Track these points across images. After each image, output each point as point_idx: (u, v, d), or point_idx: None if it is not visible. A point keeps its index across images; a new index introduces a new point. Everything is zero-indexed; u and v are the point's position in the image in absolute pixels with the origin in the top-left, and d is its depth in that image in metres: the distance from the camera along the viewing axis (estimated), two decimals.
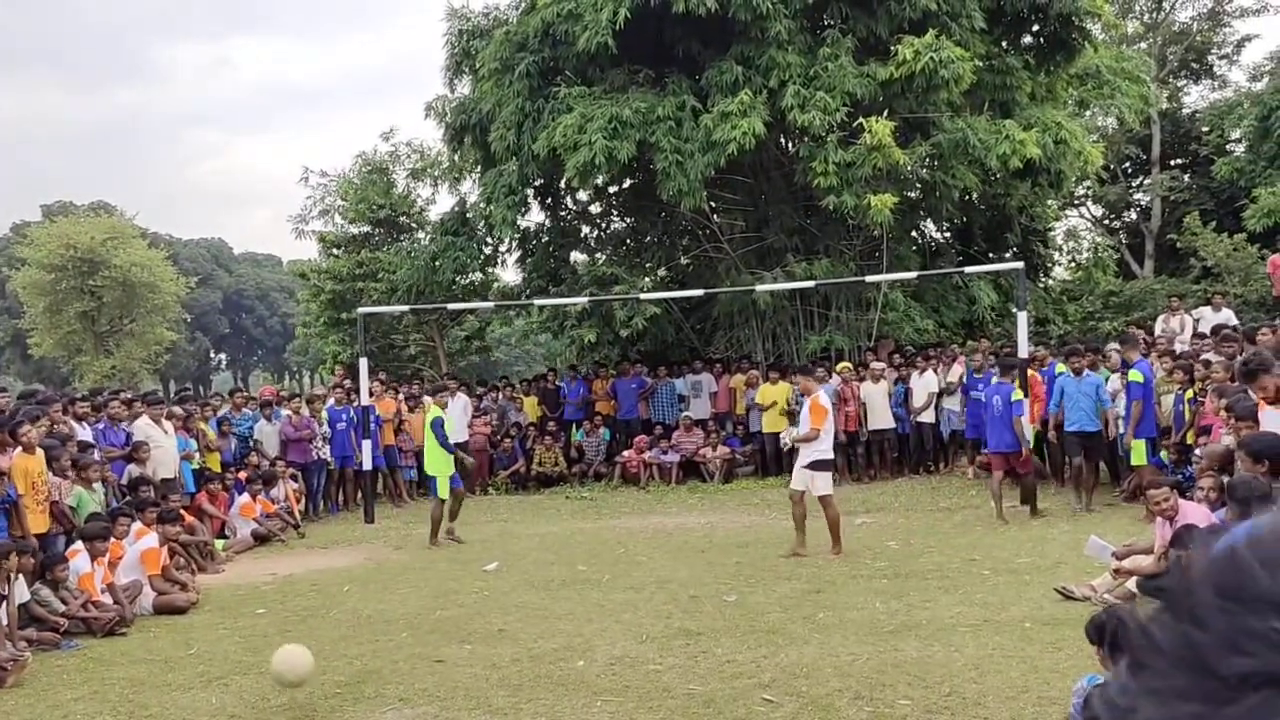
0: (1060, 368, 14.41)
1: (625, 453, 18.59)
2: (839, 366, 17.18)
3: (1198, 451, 10.17)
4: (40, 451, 10.15)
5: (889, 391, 17.19)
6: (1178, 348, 15.13)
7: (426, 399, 14.77)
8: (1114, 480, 14.33)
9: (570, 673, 7.23)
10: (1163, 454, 12.57)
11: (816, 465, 11.06)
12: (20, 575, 8.81)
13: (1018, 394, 12.80)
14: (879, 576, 10.03)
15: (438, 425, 12.97)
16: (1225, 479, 9.28)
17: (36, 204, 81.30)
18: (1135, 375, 12.75)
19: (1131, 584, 8.28)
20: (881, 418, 17.05)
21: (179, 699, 7.13)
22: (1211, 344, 13.42)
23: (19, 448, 9.86)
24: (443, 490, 13.00)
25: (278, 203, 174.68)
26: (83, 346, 43.26)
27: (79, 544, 9.89)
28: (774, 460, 18.07)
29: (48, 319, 42.69)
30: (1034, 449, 13.70)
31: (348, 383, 18.78)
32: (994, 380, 13.80)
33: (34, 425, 10.24)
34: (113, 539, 10.21)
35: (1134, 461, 12.85)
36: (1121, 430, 13.17)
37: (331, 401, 17.23)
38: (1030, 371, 14.61)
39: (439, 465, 12.96)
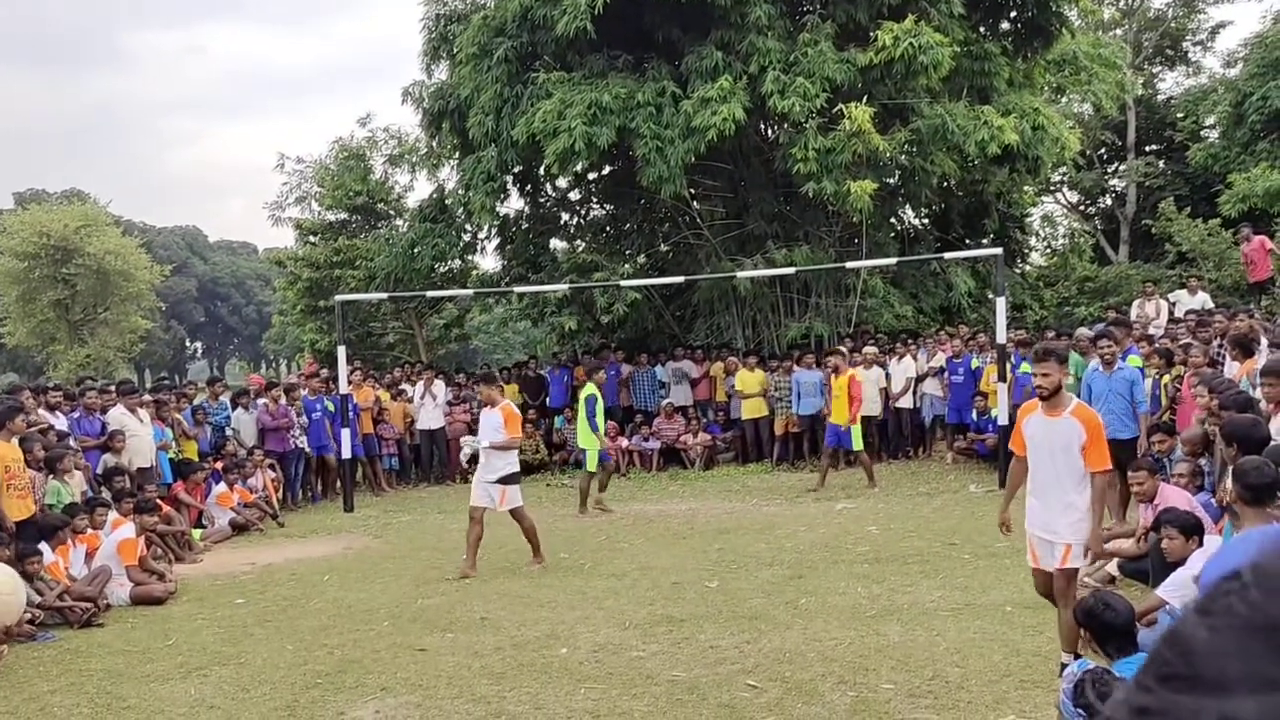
0: (1023, 365, 14.45)
1: None
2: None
3: (1181, 436, 10.21)
4: (15, 440, 10.03)
5: (879, 379, 17.23)
6: (1152, 332, 15.23)
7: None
8: None
9: (553, 660, 7.22)
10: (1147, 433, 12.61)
11: (508, 480, 10.37)
12: None
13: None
14: (860, 561, 10.06)
15: (591, 403, 13.83)
16: (1202, 463, 9.35)
17: (8, 192, 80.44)
18: (1134, 361, 12.80)
19: (1112, 567, 8.32)
20: (871, 404, 17.07)
21: (157, 690, 7.07)
22: (1189, 328, 13.51)
23: None
24: (591, 463, 13.96)
25: (253, 190, 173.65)
26: (57, 335, 42.90)
27: None
28: (754, 447, 18.12)
29: (21, 308, 42.29)
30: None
31: (325, 372, 18.66)
32: (1022, 369, 13.93)
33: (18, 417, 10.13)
34: (89, 530, 10.11)
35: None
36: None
37: (305, 391, 17.11)
38: (851, 373, 14.75)
39: (589, 440, 13.81)
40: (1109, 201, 33.36)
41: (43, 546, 9.55)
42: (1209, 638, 0.58)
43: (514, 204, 22.69)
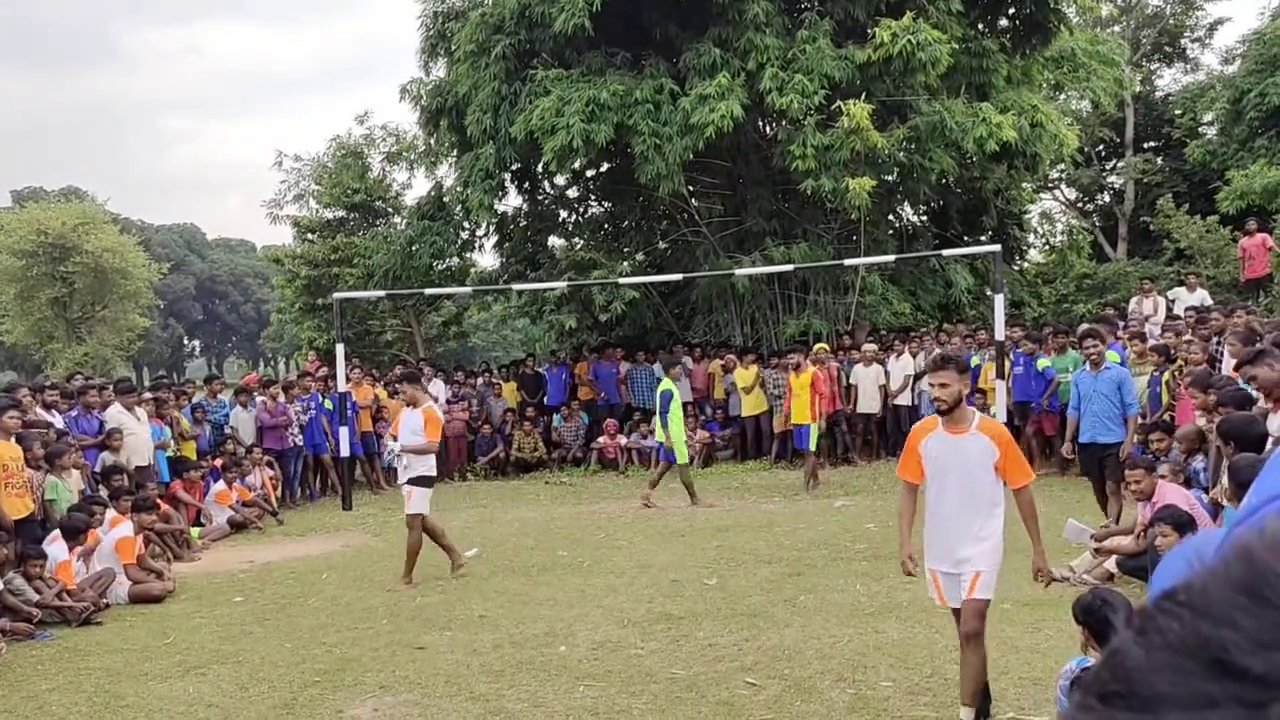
0: (1041, 361, 14.46)
1: (600, 439, 18.56)
2: (816, 348, 17.19)
3: (1177, 434, 10.22)
4: (13, 439, 10.02)
5: (878, 376, 17.24)
6: (1150, 329, 15.23)
7: (659, 372, 15.31)
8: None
9: (552, 658, 7.22)
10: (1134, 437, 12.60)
11: (419, 481, 9.90)
12: None
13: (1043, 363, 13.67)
14: (859, 559, 10.06)
15: (666, 397, 13.92)
16: (1198, 461, 9.37)
17: (6, 190, 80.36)
18: (1112, 356, 12.81)
19: (1110, 564, 8.33)
20: (870, 401, 17.08)
21: (156, 688, 7.06)
22: (1184, 324, 13.51)
23: None
24: (681, 456, 13.97)
25: (250, 188, 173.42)
26: (55, 333, 42.87)
27: (55, 532, 9.78)
28: (754, 444, 18.11)
29: (19, 306, 42.26)
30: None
31: (324, 370, 18.66)
32: (1041, 364, 14.14)
33: (11, 413, 10.12)
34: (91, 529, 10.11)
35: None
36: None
37: (297, 390, 17.08)
38: (813, 370, 14.75)
39: (675, 434, 13.88)
40: (1107, 198, 33.34)
41: (56, 547, 9.53)
42: (1144, 656, 0.60)
43: (512, 201, 22.72)
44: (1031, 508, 5.53)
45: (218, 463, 14.74)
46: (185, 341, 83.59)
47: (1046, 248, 30.64)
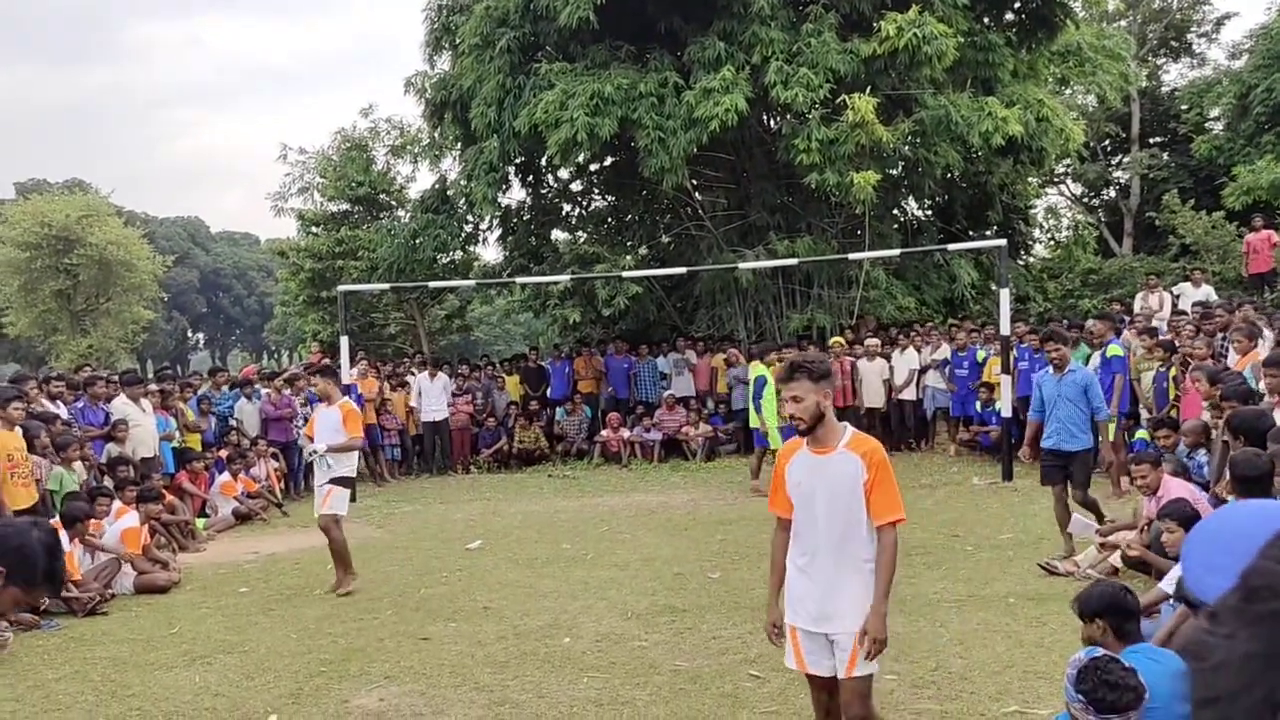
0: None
1: (603, 432, 18.57)
2: (831, 342, 17.18)
3: (1183, 428, 10.21)
4: (19, 429, 10.04)
5: (882, 371, 17.23)
6: (1156, 324, 15.22)
7: (755, 360, 15.23)
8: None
9: (556, 649, 7.23)
10: (1141, 433, 12.61)
11: (338, 481, 9.50)
12: None
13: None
14: None
15: (760, 383, 13.96)
16: (1201, 455, 9.36)
17: (10, 182, 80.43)
18: (1115, 350, 12.80)
19: (1115, 559, 8.32)
20: (875, 396, 17.06)
21: (162, 678, 7.08)
22: (1190, 320, 13.49)
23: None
24: (775, 441, 13.59)
25: (254, 181, 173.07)
26: (59, 326, 42.87)
27: (55, 521, 9.80)
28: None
29: (23, 298, 42.25)
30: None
31: (326, 362, 18.66)
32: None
33: (15, 403, 10.13)
34: (92, 518, 10.13)
35: (1102, 436, 12.92)
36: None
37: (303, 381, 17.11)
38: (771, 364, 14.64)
39: (769, 419, 13.81)
40: (1113, 193, 33.29)
41: (61, 533, 9.55)
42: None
43: (516, 195, 22.73)
44: (891, 553, 4.32)
45: (223, 454, 14.76)
46: (189, 334, 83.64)
47: (1052, 243, 30.59)
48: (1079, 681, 3.75)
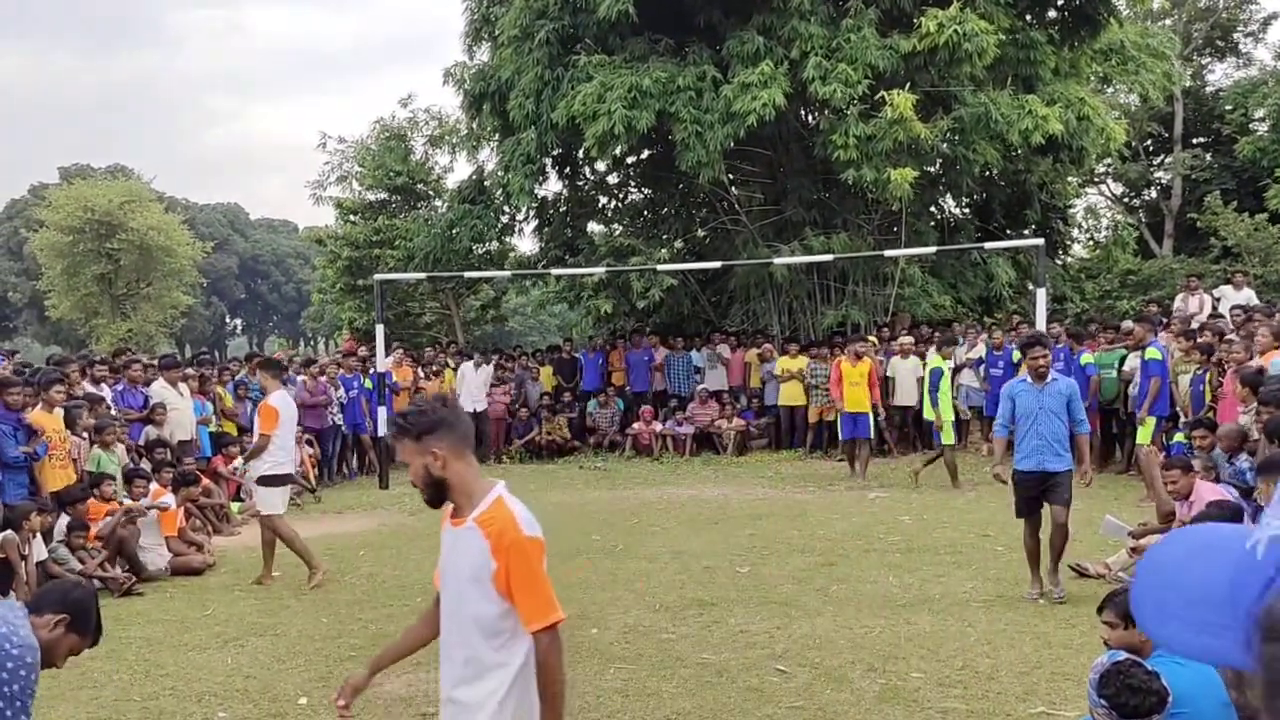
0: (1084, 357, 14.35)
1: (635, 425, 18.61)
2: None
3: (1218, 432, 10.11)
4: (59, 410, 10.21)
5: (916, 369, 17.13)
6: (1195, 327, 15.04)
7: (931, 351, 15.47)
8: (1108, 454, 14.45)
9: (584, 640, 7.26)
10: (1179, 436, 12.48)
11: (265, 480, 9.53)
12: (38, 534, 8.88)
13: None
14: (892, 551, 10.04)
15: (936, 375, 14.18)
16: (1243, 460, 9.26)
17: (54, 167, 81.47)
18: (1153, 353, 12.69)
19: None
20: (907, 394, 16.97)
21: (195, 659, 7.19)
22: (1235, 323, 13.33)
23: (40, 404, 9.94)
24: (947, 436, 14.11)
25: (294, 169, 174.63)
26: (100, 309, 43.46)
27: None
28: (788, 433, 18.10)
29: (65, 281, 42.88)
30: None
31: (362, 350, 18.83)
32: (1084, 360, 14.23)
33: (57, 386, 10.31)
34: (129, 500, 10.28)
35: (1139, 439, 12.83)
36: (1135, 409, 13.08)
37: (342, 370, 17.25)
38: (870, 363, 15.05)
39: (947, 412, 14.08)
40: (1154, 194, 32.93)
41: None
42: None
43: (552, 187, 22.76)
44: (550, 670, 3.25)
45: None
46: (227, 320, 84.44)
47: (1091, 243, 30.33)
48: (1102, 686, 3.74)
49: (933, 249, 18.25)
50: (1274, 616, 0.86)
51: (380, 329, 16.52)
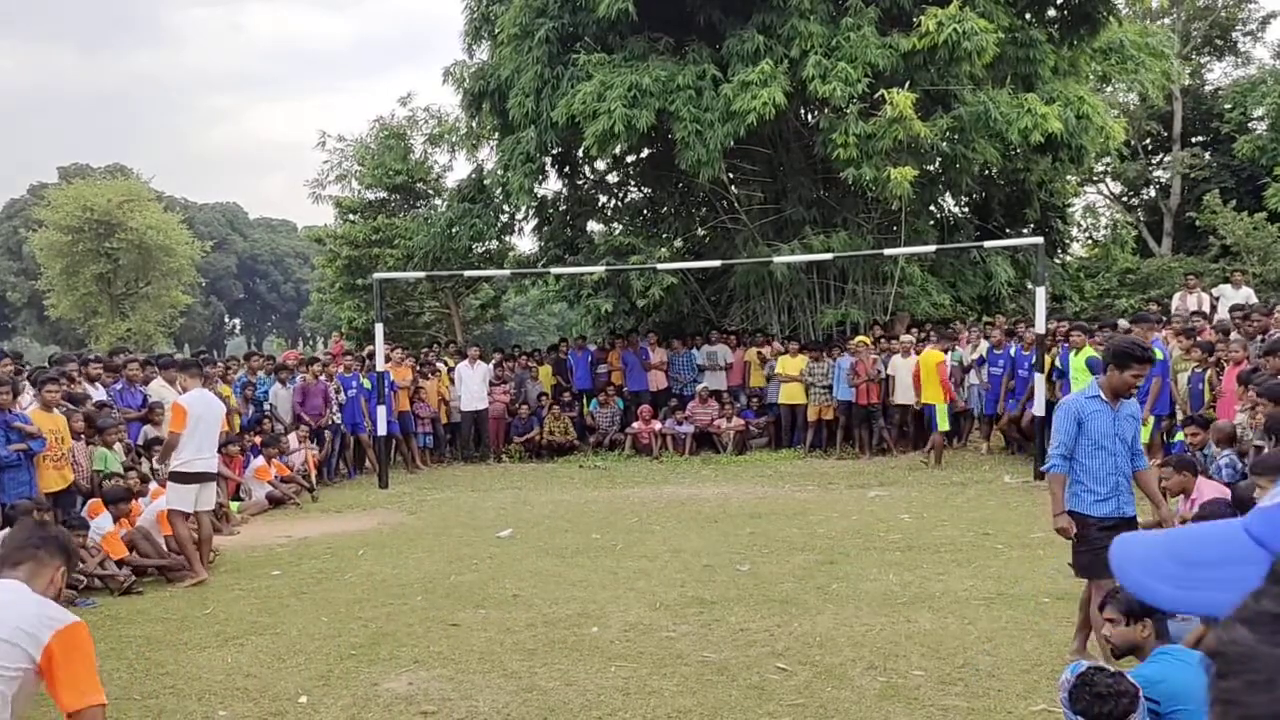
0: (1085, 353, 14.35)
1: (635, 424, 18.61)
2: (855, 340, 17.11)
3: (1211, 428, 10.13)
4: (58, 411, 10.20)
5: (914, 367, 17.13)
6: (1194, 325, 15.05)
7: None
8: None
9: (584, 638, 7.27)
10: (1180, 435, 12.47)
11: (173, 476, 9.65)
12: None
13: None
14: (892, 549, 10.04)
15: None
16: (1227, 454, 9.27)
17: (53, 166, 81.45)
18: (1155, 353, 12.67)
19: None
20: (906, 393, 16.96)
21: (195, 658, 7.19)
22: (1235, 322, 13.34)
23: (35, 404, 9.94)
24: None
25: (292, 168, 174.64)
26: (99, 309, 43.49)
27: (94, 502, 9.96)
28: (788, 432, 18.10)
29: (64, 281, 42.90)
30: None
31: (368, 348, 18.83)
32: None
33: (49, 386, 10.31)
34: (135, 498, 10.27)
35: (1140, 440, 12.80)
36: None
37: (341, 369, 17.25)
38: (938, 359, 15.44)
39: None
40: (1153, 193, 32.95)
41: (102, 519, 9.70)
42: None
43: (552, 185, 22.77)
44: None
45: (257, 440, 14.90)
46: (226, 319, 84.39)
47: (1090, 241, 30.37)
48: (1072, 703, 3.75)
49: (932, 248, 18.25)
50: None
51: (379, 328, 16.51)
